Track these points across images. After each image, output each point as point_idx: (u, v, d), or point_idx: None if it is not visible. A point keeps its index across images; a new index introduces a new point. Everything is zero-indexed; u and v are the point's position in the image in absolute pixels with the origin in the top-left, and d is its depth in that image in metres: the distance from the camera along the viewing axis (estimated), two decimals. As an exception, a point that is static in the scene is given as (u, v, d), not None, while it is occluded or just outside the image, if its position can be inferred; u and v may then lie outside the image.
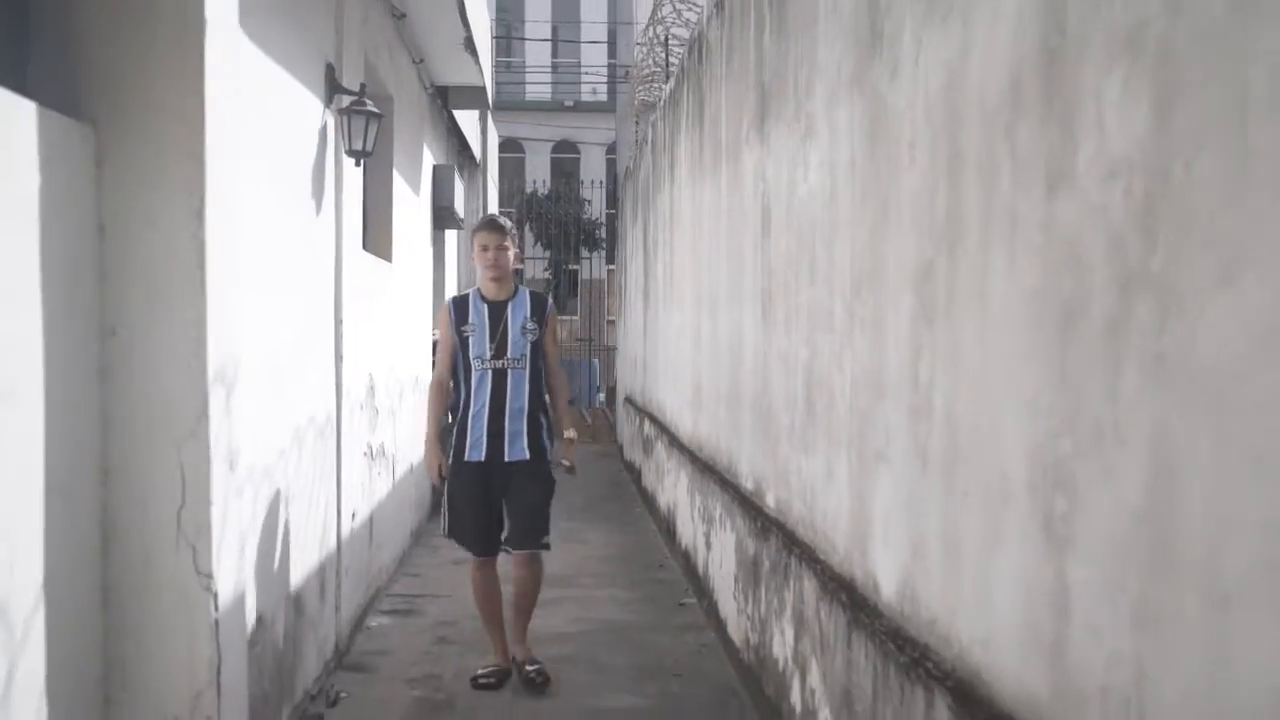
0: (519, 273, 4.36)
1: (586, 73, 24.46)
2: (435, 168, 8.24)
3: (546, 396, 4.50)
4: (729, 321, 5.05)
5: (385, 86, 5.88)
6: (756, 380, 4.39)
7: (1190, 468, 1.43)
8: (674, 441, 7.16)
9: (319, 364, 4.29)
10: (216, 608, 2.35)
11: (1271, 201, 1.26)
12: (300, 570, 3.97)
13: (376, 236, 5.98)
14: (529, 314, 4.42)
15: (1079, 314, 1.72)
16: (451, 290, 9.62)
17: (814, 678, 3.31)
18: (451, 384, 4.49)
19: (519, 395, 4.35)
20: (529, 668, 4.36)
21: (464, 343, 4.39)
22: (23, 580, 1.98)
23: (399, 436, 6.36)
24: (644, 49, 9.45)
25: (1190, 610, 1.43)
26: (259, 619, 3.11)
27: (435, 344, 8.35)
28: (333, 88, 4.50)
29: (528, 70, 24.82)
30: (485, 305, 4.43)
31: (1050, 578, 1.82)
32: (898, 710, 2.49)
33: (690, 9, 6.72)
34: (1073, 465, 1.75)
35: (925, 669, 2.34)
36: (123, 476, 2.28)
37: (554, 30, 26.74)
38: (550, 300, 4.62)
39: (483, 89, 8.22)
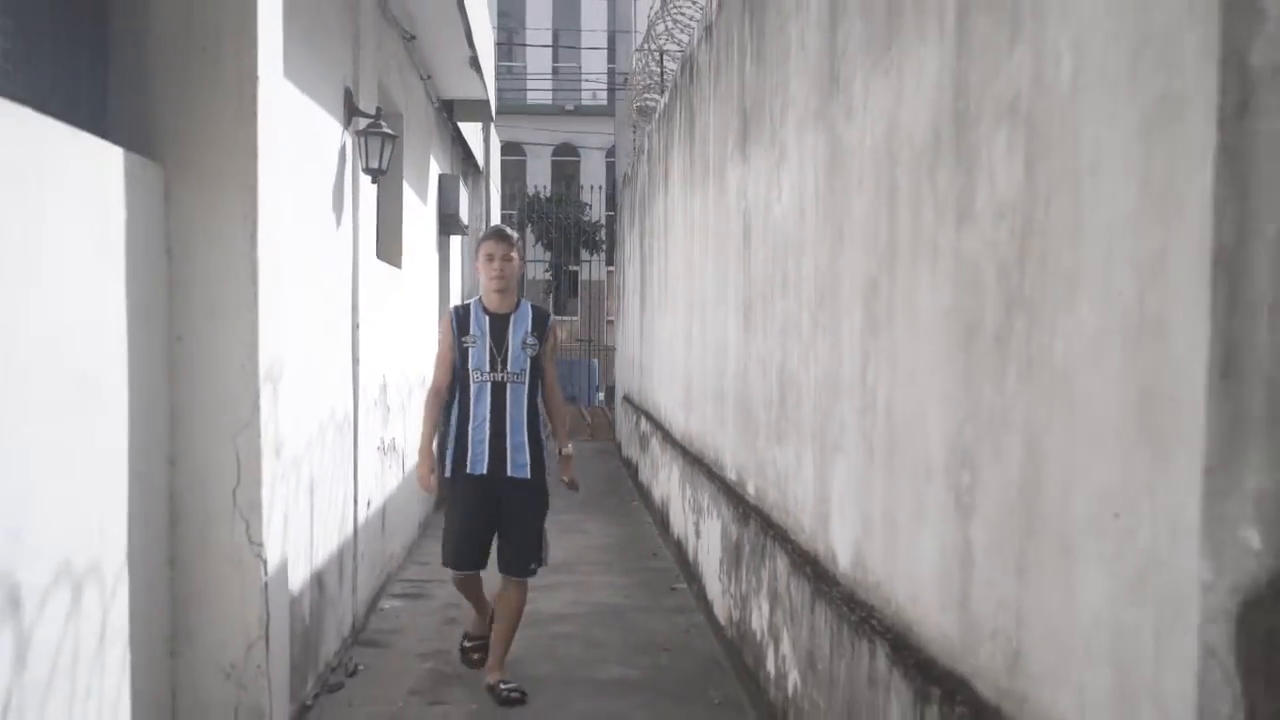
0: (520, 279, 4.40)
1: (586, 79, 24.86)
2: (441, 177, 8.64)
3: (542, 409, 4.49)
4: (716, 326, 5.46)
5: (396, 104, 6.28)
6: (739, 380, 4.79)
7: (1048, 446, 1.83)
8: (667, 437, 7.56)
9: (338, 364, 4.69)
10: (266, 573, 2.75)
11: (1093, 243, 1.67)
12: (323, 552, 4.37)
13: (387, 245, 6.38)
14: (530, 328, 4.38)
15: (977, 327, 2.13)
16: (456, 293, 10.03)
17: (785, 645, 3.72)
18: (448, 392, 4.47)
19: (518, 409, 4.31)
20: (503, 686, 4.28)
21: (464, 353, 4.35)
22: (111, 546, 2.37)
23: (408, 432, 6.76)
24: (640, 62, 9.86)
25: (1049, 561, 1.83)
26: (293, 590, 3.51)
27: (440, 328, 8.74)
28: (350, 110, 4.90)
29: (529, 77, 25.22)
30: (488, 317, 4.38)
31: (959, 541, 2.23)
32: (850, 663, 2.90)
33: (683, 31, 7.11)
34: (974, 448, 2.15)
35: (870, 625, 2.74)
36: (187, 463, 2.68)
37: (555, 36, 27.14)
38: (552, 316, 4.58)
39: (486, 102, 8.62)
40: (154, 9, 2.64)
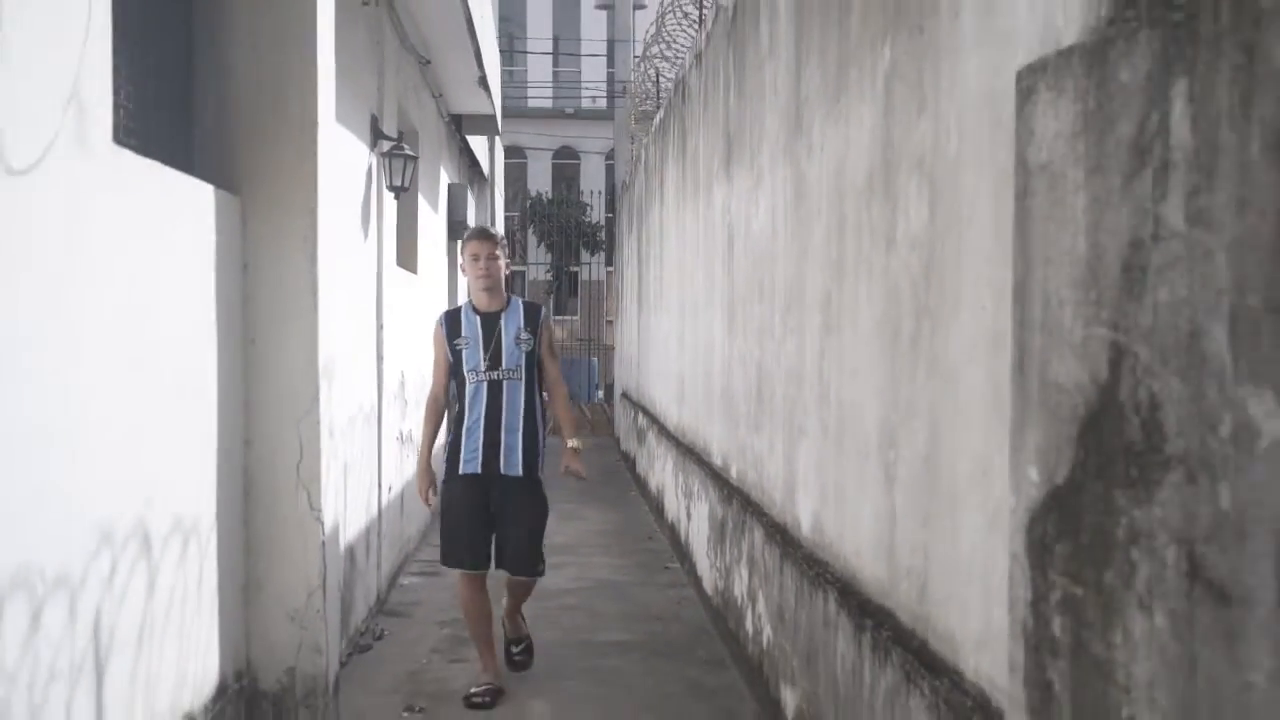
0: (510, 279, 4.58)
1: (586, 87, 25.41)
2: (450, 186, 9.21)
3: (541, 402, 4.47)
4: (705, 327, 6.03)
5: (412, 123, 6.84)
6: (724, 376, 5.36)
7: (944, 425, 2.40)
8: (662, 430, 8.13)
9: (366, 362, 5.26)
10: (323, 534, 3.31)
11: (969, 271, 2.23)
12: (354, 530, 4.94)
13: (405, 252, 6.95)
14: (522, 324, 4.34)
15: (898, 332, 2.69)
16: (464, 294, 10.60)
17: (760, 604, 4.29)
18: (445, 399, 4.52)
19: (515, 406, 4.26)
20: (514, 648, 4.54)
21: (457, 355, 4.33)
22: (205, 509, 2.93)
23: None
24: (637, 76, 10.42)
25: (944, 512, 2.40)
26: (339, 553, 4.08)
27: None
28: (376, 134, 5.47)
29: (530, 85, 25.77)
30: (478, 317, 4.36)
31: (887, 504, 2.80)
32: (809, 611, 3.47)
33: (677, 55, 7.67)
34: (897, 429, 2.72)
35: (825, 578, 3.31)
36: (259, 443, 3.24)
37: (555, 42, 27.68)
38: (544, 309, 4.55)
39: (493, 116, 9.19)
40: (232, 71, 3.20)
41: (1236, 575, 1.21)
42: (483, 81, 7.87)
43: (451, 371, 4.39)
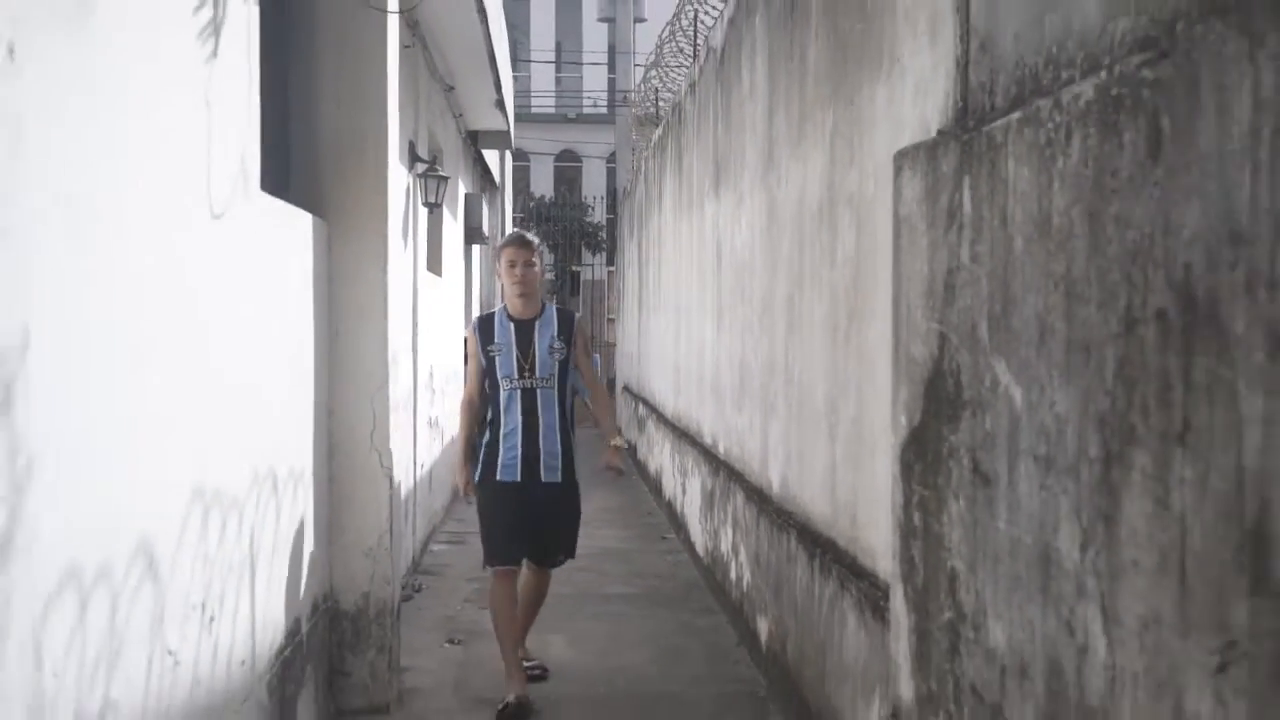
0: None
1: (588, 96, 26.26)
2: (467, 196, 10.08)
3: (571, 404, 4.51)
4: (697, 326, 6.90)
5: (439, 143, 7.70)
6: (713, 368, 6.23)
7: (866, 394, 3.26)
8: (660, 418, 9.01)
9: (405, 355, 6.12)
10: (391, 487, 4.17)
11: (881, 286, 3.09)
12: (398, 498, 5.80)
13: (432, 257, 7.81)
14: (556, 333, 4.37)
15: (837, 328, 3.56)
16: (478, 293, 11.47)
17: (742, 556, 5.16)
18: (480, 402, 4.53)
19: (550, 414, 4.32)
20: (527, 663, 4.51)
21: (490, 362, 4.36)
22: (305, 463, 3.78)
23: (448, 411, 8.21)
24: (638, 95, 11.28)
25: (866, 458, 3.26)
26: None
27: (466, 340, 10.24)
28: (413, 157, 6.33)
29: (533, 94, 26.60)
30: (512, 324, 4.38)
31: (830, 459, 3.66)
32: (777, 551, 4.34)
33: (675, 82, 8.54)
34: (836, 401, 3.58)
35: (789, 523, 4.18)
36: (341, 413, 4.09)
37: (558, 47, 28.53)
38: (578, 316, 4.60)
39: (506, 132, 10.06)
40: (320, 123, 4.06)
41: (993, 467, 2.07)
42: (499, 104, 8.73)
43: (486, 376, 4.41)
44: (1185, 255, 1.43)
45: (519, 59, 25.89)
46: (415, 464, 6.57)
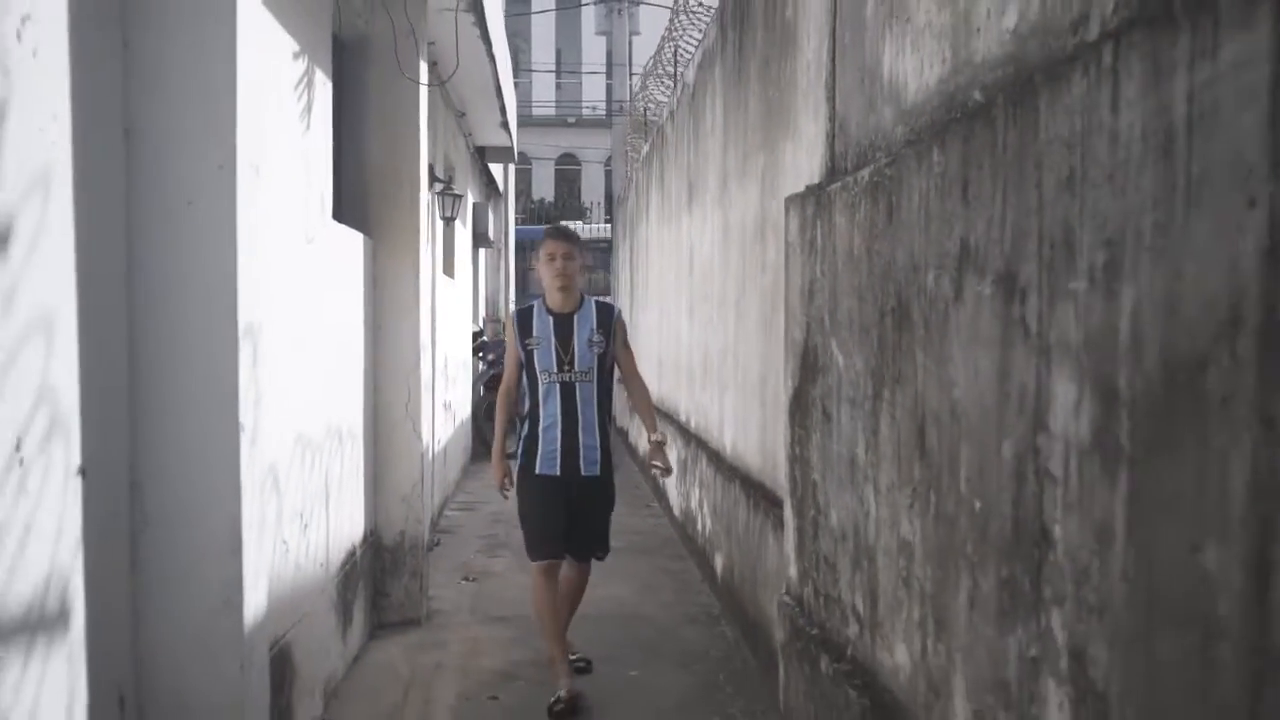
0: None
1: (587, 105, 27.36)
2: (475, 205, 11.20)
3: (609, 398, 4.52)
4: (675, 321, 8.02)
5: (452, 162, 8.82)
6: (687, 355, 7.36)
7: (777, 368, 4.37)
8: (648, 404, 10.14)
9: (426, 346, 7.24)
10: (421, 448, 5.30)
11: (785, 287, 4.21)
12: (426, 458, 6.92)
13: (446, 262, 8.93)
14: (595, 326, 4.38)
15: (766, 322, 4.68)
16: (484, 293, 12.60)
17: (705, 509, 6.28)
18: (517, 394, 4.51)
19: (589, 408, 4.34)
20: (571, 656, 4.55)
21: (529, 355, 4.35)
22: (359, 425, 4.89)
23: (458, 397, 9.33)
24: (631, 111, 12.39)
25: (777, 418, 4.38)
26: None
27: (474, 334, 11.39)
28: (432, 178, 7.45)
29: (535, 104, 27.69)
30: (551, 318, 4.37)
31: (760, 421, 4.78)
32: (728, 500, 5.46)
33: (659, 105, 9.65)
34: (765, 376, 4.70)
35: (735, 476, 5.30)
36: (383, 389, 5.21)
37: (558, 54, 29.62)
38: (617, 309, 4.59)
39: (510, 148, 11.18)
40: (366, 156, 5.17)
41: (832, 409, 3.18)
42: (504, 125, 9.85)
43: (524, 370, 4.40)
44: (899, 277, 2.55)
45: (521, 68, 27.00)
46: (433, 439, 7.69)
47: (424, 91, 5.25)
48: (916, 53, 2.65)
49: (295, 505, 3.68)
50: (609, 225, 18.88)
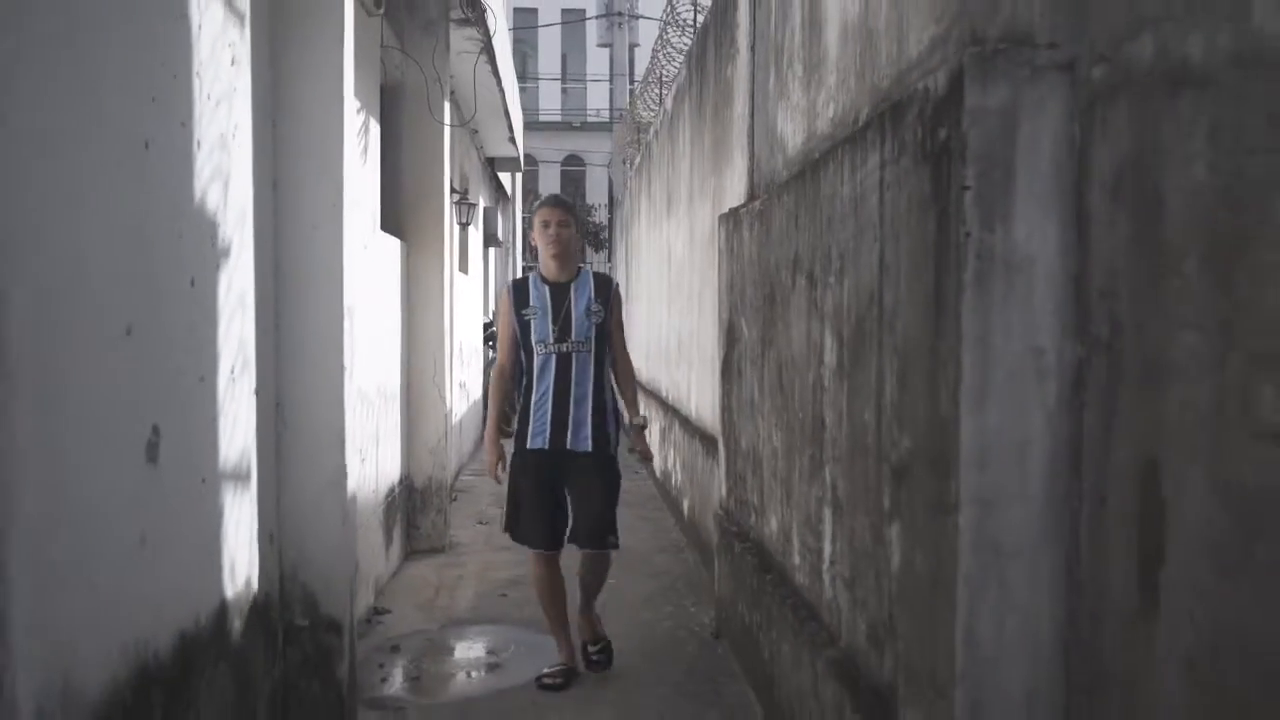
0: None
1: (590, 113, 28.66)
2: (485, 209, 12.53)
3: (610, 375, 4.38)
4: (659, 311, 9.34)
5: (466, 173, 10.14)
6: (666, 340, 8.68)
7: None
8: (639, 385, 11.50)
9: (447, 330, 8.57)
10: (446, 409, 6.62)
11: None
12: (450, 418, 8.26)
13: (461, 260, 10.24)
14: (593, 295, 4.24)
15: (716, 310, 5.99)
16: (494, 287, 13.94)
17: (679, 466, 7.60)
18: (513, 371, 4.37)
19: (584, 380, 4.17)
20: (591, 648, 4.37)
21: (525, 327, 4.21)
22: (397, 388, 6.20)
23: (471, 378, 10.66)
24: (625, 123, 13.70)
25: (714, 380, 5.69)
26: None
27: (485, 325, 12.73)
28: (450, 189, 8.77)
29: (541, 110, 28.98)
30: (546, 287, 4.25)
31: (712, 387, 6.09)
32: (692, 452, 6.77)
33: (648, 123, 10.97)
34: (715, 352, 6.01)
35: (697, 434, 6.62)
36: (414, 362, 6.52)
37: (563, 59, 30.92)
38: (615, 282, 4.46)
39: (517, 158, 12.51)
40: (402, 173, 6.49)
41: (742, 368, 4.47)
42: (511, 139, 11.17)
43: (519, 342, 4.25)
44: (771, 274, 3.85)
45: (528, 76, 28.29)
46: (451, 410, 9.02)
47: (448, 130, 6.58)
48: (791, 122, 3.97)
49: (357, 443, 5.01)
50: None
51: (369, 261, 5.23)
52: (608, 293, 4.32)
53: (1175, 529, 1.57)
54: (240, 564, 3.03)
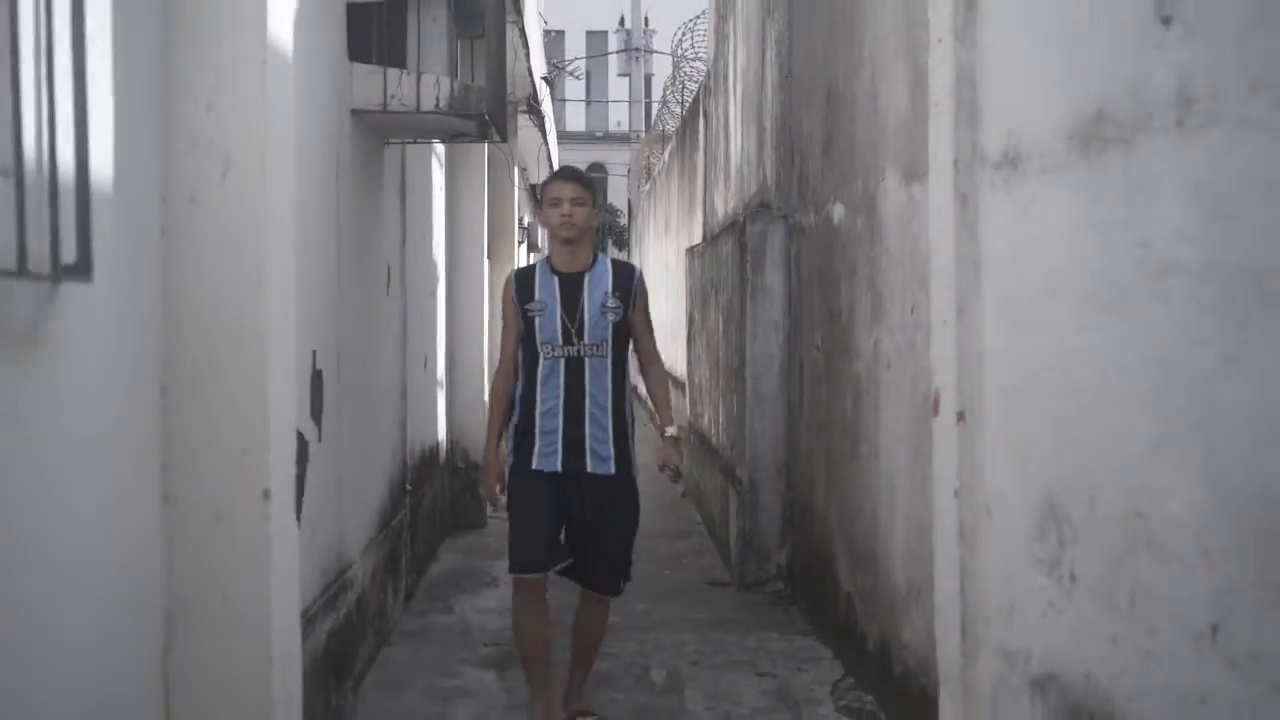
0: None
1: (613, 122, 31.91)
2: (528, 224, 15.83)
3: (641, 386, 3.83)
4: (662, 304, 12.65)
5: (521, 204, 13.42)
6: (666, 325, 11.98)
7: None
8: (648, 362, 14.87)
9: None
10: (485, 384, 9.90)
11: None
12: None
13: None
14: (610, 288, 3.44)
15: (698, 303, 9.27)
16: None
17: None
18: (516, 377, 3.53)
19: (600, 390, 3.40)
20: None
21: (529, 324, 3.42)
22: (442, 361, 9.43)
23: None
24: (638, 153, 16.98)
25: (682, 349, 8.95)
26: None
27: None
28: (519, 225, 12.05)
29: (568, 128, 32.23)
30: (556, 278, 3.44)
31: (683, 352, 9.36)
32: (675, 392, 10.07)
33: (652, 164, 14.24)
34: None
35: (677, 382, 9.91)
36: (457, 342, 9.78)
37: (588, 76, 34.12)
38: (638, 270, 3.68)
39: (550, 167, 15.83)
40: (490, 217, 9.76)
41: (695, 339, 7.71)
42: (551, 169, 14.45)
43: (522, 342, 3.49)
44: (706, 287, 7.10)
45: (555, 99, 31.48)
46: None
47: (516, 189, 9.84)
48: (720, 201, 7.25)
49: (481, 382, 8.29)
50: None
51: (483, 275, 8.53)
52: (630, 284, 3.52)
53: (806, 377, 4.86)
54: (440, 429, 6.34)
